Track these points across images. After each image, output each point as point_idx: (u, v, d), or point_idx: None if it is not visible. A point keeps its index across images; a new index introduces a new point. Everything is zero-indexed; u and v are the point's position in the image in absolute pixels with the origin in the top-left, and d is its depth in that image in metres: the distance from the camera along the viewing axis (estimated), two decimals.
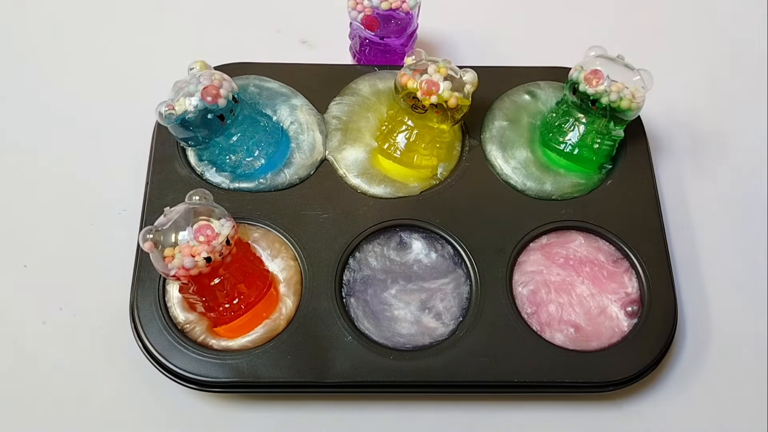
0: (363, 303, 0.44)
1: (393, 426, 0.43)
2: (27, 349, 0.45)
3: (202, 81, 0.42)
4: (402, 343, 0.42)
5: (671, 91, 0.55)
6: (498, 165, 0.48)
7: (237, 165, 0.46)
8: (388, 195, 0.46)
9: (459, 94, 0.43)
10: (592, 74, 0.44)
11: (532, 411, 0.44)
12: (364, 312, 0.43)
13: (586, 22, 0.59)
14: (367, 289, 0.44)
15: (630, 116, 0.45)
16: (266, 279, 0.42)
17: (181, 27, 0.58)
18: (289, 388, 0.41)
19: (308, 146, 0.48)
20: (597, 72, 0.44)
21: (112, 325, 0.44)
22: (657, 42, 0.58)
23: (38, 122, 0.52)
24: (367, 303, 0.44)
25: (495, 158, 0.48)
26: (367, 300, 0.44)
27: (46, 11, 0.58)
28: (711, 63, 0.57)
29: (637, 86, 0.44)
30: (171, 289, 0.42)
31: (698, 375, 0.45)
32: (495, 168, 0.48)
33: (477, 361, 0.41)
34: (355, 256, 0.45)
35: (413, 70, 0.44)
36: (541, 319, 0.43)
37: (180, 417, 0.43)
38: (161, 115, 0.42)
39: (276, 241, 0.44)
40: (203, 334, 0.41)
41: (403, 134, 0.46)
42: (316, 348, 0.41)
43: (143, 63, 0.55)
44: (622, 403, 0.44)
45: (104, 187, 0.50)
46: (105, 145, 0.51)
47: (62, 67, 0.55)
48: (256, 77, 0.49)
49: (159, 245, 0.37)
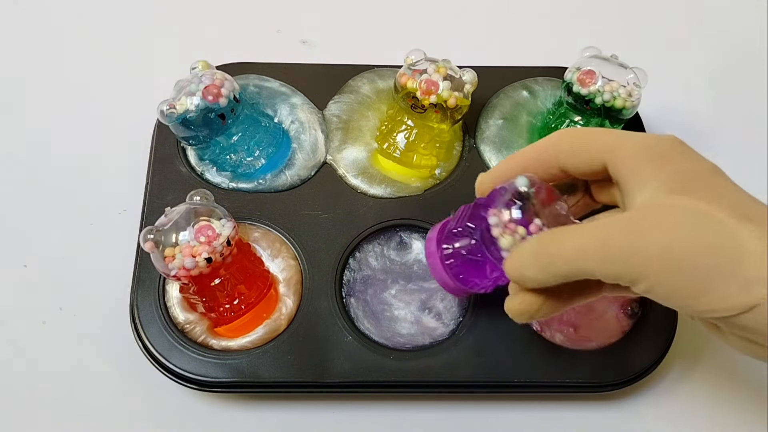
0: (363, 303, 0.44)
1: (393, 426, 0.43)
2: (27, 349, 0.45)
3: (203, 80, 0.42)
4: (402, 343, 0.42)
5: (671, 91, 0.55)
6: (492, 165, 0.48)
7: (237, 165, 0.46)
8: (388, 195, 0.46)
9: (458, 93, 0.43)
10: (585, 75, 0.44)
11: (532, 411, 0.44)
12: (364, 312, 0.43)
13: (586, 22, 0.59)
14: (367, 289, 0.44)
15: (626, 115, 0.45)
16: (266, 280, 0.42)
17: (180, 27, 0.58)
18: (289, 388, 0.41)
19: (310, 146, 0.48)
20: (590, 72, 0.44)
21: (112, 325, 0.44)
22: (657, 42, 0.58)
23: (38, 122, 0.52)
24: (367, 303, 0.44)
25: (489, 159, 0.48)
26: (367, 300, 0.44)
27: (47, 11, 0.57)
28: (710, 62, 0.57)
29: (632, 85, 0.44)
30: (171, 289, 0.42)
31: (698, 375, 0.45)
32: (491, 168, 0.47)
33: (477, 361, 0.41)
34: (355, 256, 0.45)
35: (412, 69, 0.44)
36: (541, 319, 0.43)
37: (180, 417, 0.43)
38: (163, 113, 0.42)
39: (276, 241, 0.44)
40: (203, 334, 0.41)
41: (402, 134, 0.47)
42: (316, 348, 0.41)
43: (143, 63, 0.55)
44: (622, 403, 0.44)
45: (104, 188, 0.50)
46: (105, 145, 0.51)
47: (63, 67, 0.55)
48: (256, 77, 0.49)
49: (160, 245, 0.37)
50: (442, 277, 0.38)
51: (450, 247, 0.37)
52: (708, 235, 0.28)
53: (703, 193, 0.29)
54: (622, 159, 0.32)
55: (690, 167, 0.31)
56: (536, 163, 0.35)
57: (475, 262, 0.37)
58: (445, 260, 0.38)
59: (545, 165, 0.34)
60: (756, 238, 0.28)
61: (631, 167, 0.31)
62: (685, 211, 0.29)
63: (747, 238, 0.28)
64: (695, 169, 0.31)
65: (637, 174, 0.31)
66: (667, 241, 0.28)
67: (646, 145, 0.31)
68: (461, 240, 0.37)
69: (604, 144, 0.32)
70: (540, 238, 0.32)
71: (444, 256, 0.38)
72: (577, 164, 0.33)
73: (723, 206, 0.29)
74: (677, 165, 0.30)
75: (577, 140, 0.33)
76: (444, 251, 0.38)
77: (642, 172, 0.31)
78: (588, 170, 0.33)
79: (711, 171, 0.31)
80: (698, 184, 0.30)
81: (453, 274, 0.38)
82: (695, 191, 0.29)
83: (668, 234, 0.28)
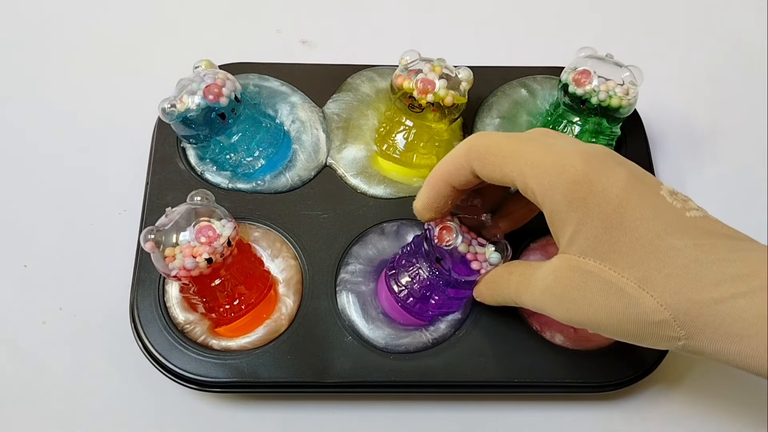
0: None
1: (393, 426, 0.43)
2: (27, 349, 0.45)
3: (205, 79, 0.42)
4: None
5: (670, 91, 0.55)
6: None
7: (237, 164, 0.46)
8: (387, 195, 0.46)
9: (455, 92, 0.43)
10: (581, 74, 0.44)
11: (532, 411, 0.44)
12: None
13: (586, 22, 0.59)
14: None
15: (623, 113, 0.45)
16: (267, 280, 0.42)
17: (181, 27, 0.58)
18: (289, 388, 0.41)
19: (312, 146, 0.48)
20: (585, 72, 0.44)
21: (112, 325, 0.44)
22: (656, 41, 0.58)
23: (39, 122, 0.52)
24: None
25: None
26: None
27: (48, 10, 0.57)
28: (710, 62, 0.57)
29: (628, 83, 0.44)
30: (171, 289, 0.42)
31: (698, 375, 0.45)
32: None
33: (477, 361, 0.41)
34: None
35: (408, 70, 0.44)
36: (541, 319, 0.43)
37: (180, 417, 0.43)
38: (164, 111, 0.42)
39: (277, 241, 0.44)
40: (203, 334, 0.41)
41: (401, 134, 0.47)
42: (316, 348, 0.41)
43: (143, 63, 0.55)
44: (622, 403, 0.44)
45: (104, 187, 0.50)
46: (105, 145, 0.51)
47: (63, 67, 0.55)
48: (256, 76, 0.49)
49: (160, 245, 0.37)
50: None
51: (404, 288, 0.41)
52: (619, 308, 0.32)
53: (608, 256, 0.32)
54: (535, 193, 0.33)
55: (597, 207, 0.32)
56: (452, 177, 0.36)
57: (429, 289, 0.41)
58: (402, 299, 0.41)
59: (460, 179, 0.36)
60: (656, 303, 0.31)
61: (549, 204, 0.33)
62: (597, 283, 0.32)
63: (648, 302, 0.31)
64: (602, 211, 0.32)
65: (555, 214, 0.33)
66: (596, 319, 0.32)
67: (559, 179, 0.32)
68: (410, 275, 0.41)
69: (514, 167, 0.34)
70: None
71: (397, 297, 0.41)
72: (489, 179, 0.35)
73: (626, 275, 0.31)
74: (591, 205, 0.32)
75: (487, 159, 0.35)
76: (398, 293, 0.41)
77: (558, 212, 0.33)
78: (499, 184, 0.35)
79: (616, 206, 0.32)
80: (604, 245, 0.32)
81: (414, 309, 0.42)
82: (603, 256, 0.32)
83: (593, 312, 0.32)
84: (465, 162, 0.35)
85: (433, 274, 0.40)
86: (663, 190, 0.33)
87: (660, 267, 0.30)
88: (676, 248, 0.30)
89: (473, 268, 0.38)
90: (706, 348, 0.30)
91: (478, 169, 0.35)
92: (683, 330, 0.30)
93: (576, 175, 0.32)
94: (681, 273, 0.30)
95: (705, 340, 0.30)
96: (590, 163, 0.32)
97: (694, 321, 0.30)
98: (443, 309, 0.42)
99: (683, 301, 0.30)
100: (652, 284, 0.30)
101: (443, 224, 0.38)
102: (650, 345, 0.32)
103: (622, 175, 0.32)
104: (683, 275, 0.30)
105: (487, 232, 0.40)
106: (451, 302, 0.41)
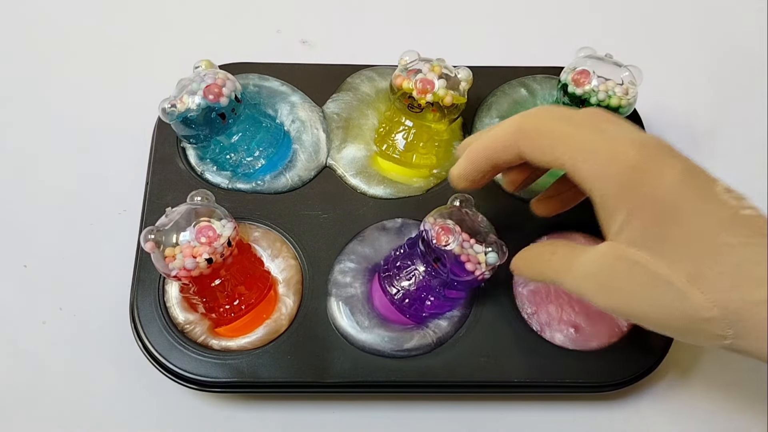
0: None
1: (393, 426, 0.43)
2: (27, 349, 0.45)
3: (205, 79, 0.42)
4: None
5: (670, 91, 0.55)
6: None
7: (237, 164, 0.46)
8: (387, 195, 0.46)
9: (454, 92, 0.43)
10: (580, 74, 0.44)
11: (532, 411, 0.44)
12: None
13: (585, 22, 0.59)
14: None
15: (623, 113, 0.45)
16: (267, 280, 0.42)
17: (181, 27, 0.58)
18: (289, 388, 0.41)
19: (312, 146, 0.48)
20: (584, 72, 0.44)
21: (112, 325, 0.44)
22: (656, 41, 0.58)
23: (39, 122, 0.52)
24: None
25: None
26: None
27: (48, 10, 0.57)
28: (710, 62, 0.57)
29: (627, 83, 0.44)
30: (171, 289, 0.42)
31: (698, 375, 0.45)
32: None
33: (477, 361, 0.41)
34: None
35: (407, 70, 0.44)
36: (541, 319, 0.43)
37: (180, 417, 0.43)
38: (164, 111, 0.42)
39: (277, 241, 0.44)
40: (203, 334, 0.41)
41: (401, 134, 0.47)
42: (316, 348, 0.41)
43: (143, 63, 0.55)
44: (622, 403, 0.44)
45: (104, 187, 0.50)
46: (105, 145, 0.51)
47: (63, 67, 0.55)
48: (256, 76, 0.49)
49: (160, 245, 0.37)
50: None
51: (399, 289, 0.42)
52: (665, 301, 0.31)
53: (658, 248, 0.31)
54: (586, 178, 0.33)
55: (651, 198, 0.31)
56: (497, 155, 0.36)
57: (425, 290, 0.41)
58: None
59: (505, 158, 0.35)
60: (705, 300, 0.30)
61: (599, 190, 0.32)
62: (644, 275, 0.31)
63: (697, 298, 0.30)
64: (656, 202, 0.31)
65: (606, 201, 0.32)
66: (640, 311, 0.32)
67: (611, 165, 0.32)
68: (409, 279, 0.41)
69: (565, 151, 0.33)
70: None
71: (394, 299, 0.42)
72: (537, 161, 0.34)
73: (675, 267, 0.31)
74: (643, 194, 0.31)
75: (536, 141, 0.34)
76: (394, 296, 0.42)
77: (608, 199, 0.32)
78: (547, 167, 0.35)
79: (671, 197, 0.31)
80: (654, 236, 0.31)
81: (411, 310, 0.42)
82: (653, 248, 0.31)
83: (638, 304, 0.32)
84: (512, 141, 0.34)
85: (429, 274, 0.40)
86: (718, 186, 0.32)
87: (712, 264, 0.30)
88: (730, 245, 0.30)
89: (467, 269, 0.39)
90: (754, 349, 0.30)
91: (526, 151, 0.34)
92: (731, 329, 0.29)
93: (628, 163, 0.31)
94: (733, 271, 0.29)
95: (754, 341, 0.29)
96: (643, 151, 0.31)
97: (744, 321, 0.29)
98: (437, 310, 0.42)
99: (734, 299, 0.29)
100: (703, 280, 0.30)
101: (441, 225, 0.39)
102: (692, 341, 0.32)
103: (677, 168, 0.31)
104: (736, 273, 0.29)
105: (482, 234, 0.40)
106: (445, 303, 0.42)
